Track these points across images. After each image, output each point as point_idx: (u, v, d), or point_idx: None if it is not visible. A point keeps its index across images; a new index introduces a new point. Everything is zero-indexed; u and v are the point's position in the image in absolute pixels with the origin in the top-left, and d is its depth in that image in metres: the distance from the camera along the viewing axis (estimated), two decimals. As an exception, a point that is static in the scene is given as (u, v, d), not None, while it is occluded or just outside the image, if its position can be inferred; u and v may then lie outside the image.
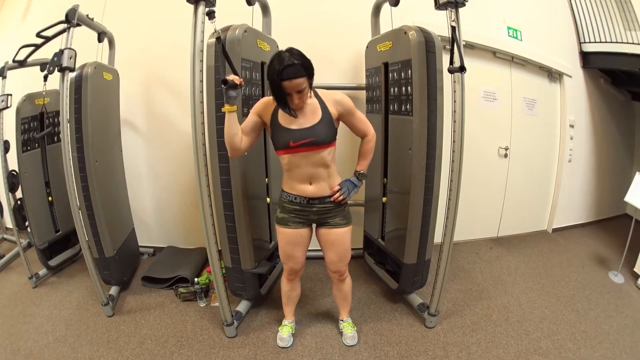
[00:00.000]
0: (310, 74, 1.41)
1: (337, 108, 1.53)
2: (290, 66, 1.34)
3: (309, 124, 1.49)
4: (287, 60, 1.34)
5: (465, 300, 2.31)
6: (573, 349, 1.86)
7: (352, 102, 1.58)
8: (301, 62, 1.36)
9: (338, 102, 1.53)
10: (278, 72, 1.34)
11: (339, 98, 1.54)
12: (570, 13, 3.31)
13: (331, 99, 1.53)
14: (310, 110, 1.51)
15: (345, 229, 1.68)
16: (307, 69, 1.39)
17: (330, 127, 1.52)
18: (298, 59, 1.36)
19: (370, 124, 1.65)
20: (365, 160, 1.68)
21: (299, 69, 1.35)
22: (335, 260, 1.73)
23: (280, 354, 1.84)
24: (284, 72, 1.34)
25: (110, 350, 1.87)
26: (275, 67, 1.35)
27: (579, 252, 3.11)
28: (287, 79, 1.35)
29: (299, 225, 1.67)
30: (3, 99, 2.42)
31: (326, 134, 1.50)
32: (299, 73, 1.35)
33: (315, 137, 1.48)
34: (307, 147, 1.49)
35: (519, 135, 3.17)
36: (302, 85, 1.38)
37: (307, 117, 1.50)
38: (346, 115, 1.56)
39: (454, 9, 1.57)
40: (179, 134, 2.78)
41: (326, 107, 1.52)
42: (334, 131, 1.55)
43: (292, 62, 1.34)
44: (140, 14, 2.69)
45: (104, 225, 2.20)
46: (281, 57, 1.36)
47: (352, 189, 1.64)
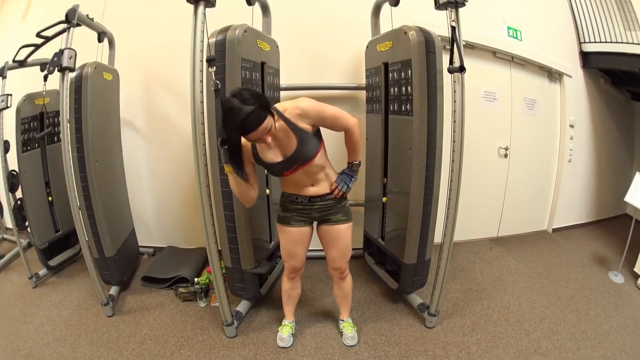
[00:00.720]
0: (269, 110, 1.32)
1: (306, 120, 1.45)
2: (249, 115, 1.23)
3: (291, 151, 1.45)
4: (243, 111, 1.22)
5: (465, 300, 2.31)
6: (573, 349, 1.86)
7: (316, 103, 1.46)
8: (257, 104, 1.25)
9: (304, 114, 1.43)
10: (237, 128, 1.25)
11: (303, 108, 1.43)
12: (570, 13, 3.31)
13: (295, 115, 1.43)
14: (285, 135, 1.44)
15: (346, 225, 1.68)
16: (265, 107, 1.29)
17: (311, 142, 1.47)
18: (252, 102, 1.25)
19: (346, 116, 1.53)
20: (355, 151, 1.64)
21: (259, 113, 1.25)
22: (337, 257, 1.73)
23: (280, 354, 1.84)
24: (245, 127, 1.24)
25: (110, 350, 1.87)
26: (232, 124, 1.25)
27: (579, 252, 3.11)
28: (252, 131, 1.26)
29: (301, 224, 1.68)
30: (3, 99, 2.42)
31: (310, 149, 1.48)
32: (260, 117, 1.26)
33: (303, 158, 1.48)
34: (300, 168, 1.50)
35: (519, 135, 3.17)
36: (269, 125, 1.31)
37: (285, 145, 1.46)
38: (318, 121, 1.48)
39: (454, 9, 1.56)
40: (179, 134, 2.78)
41: (296, 126, 1.43)
42: (317, 140, 1.51)
43: (248, 110, 1.23)
44: (140, 14, 2.69)
45: (104, 225, 2.20)
46: (233, 109, 1.24)
47: (349, 181, 1.64)
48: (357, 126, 1.57)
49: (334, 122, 1.51)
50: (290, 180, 1.59)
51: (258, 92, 1.34)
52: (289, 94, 2.52)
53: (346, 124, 1.53)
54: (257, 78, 1.98)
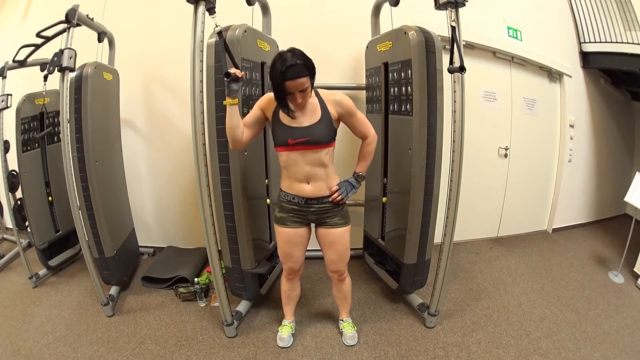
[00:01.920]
0: (313, 74, 1.43)
1: (337, 109, 1.54)
2: (293, 66, 1.35)
3: (308, 123, 1.50)
4: (289, 60, 1.35)
5: (465, 300, 2.31)
6: (573, 349, 1.86)
7: (353, 103, 1.57)
8: (303, 61, 1.37)
9: (338, 102, 1.53)
10: (281, 72, 1.35)
11: (339, 98, 1.54)
12: (570, 13, 3.31)
13: (331, 99, 1.54)
14: (311, 109, 1.52)
15: (344, 229, 1.68)
16: (310, 68, 1.40)
17: (328, 127, 1.52)
18: (300, 59, 1.37)
19: (371, 126, 1.64)
20: (365, 162, 1.68)
21: (302, 68, 1.36)
22: (335, 259, 1.73)
23: (280, 354, 1.84)
24: (286, 72, 1.35)
25: (110, 350, 1.87)
26: (277, 67, 1.36)
27: (579, 252, 3.11)
28: (290, 79, 1.36)
29: (297, 225, 1.67)
30: (3, 99, 2.42)
31: (324, 134, 1.51)
32: (301, 73, 1.37)
33: (313, 136, 1.49)
34: (305, 145, 1.50)
35: (519, 135, 3.17)
36: (305, 84, 1.40)
37: (306, 116, 1.51)
38: (346, 116, 1.56)
39: (454, 9, 1.56)
40: (179, 134, 2.79)
41: (326, 107, 1.52)
42: (333, 132, 1.56)
43: (294, 62, 1.35)
44: (140, 14, 2.69)
45: (104, 225, 2.20)
46: (284, 57, 1.37)
47: (350, 190, 1.64)
48: (376, 138, 1.67)
49: (360, 124, 1.61)
50: (289, 166, 1.56)
51: (309, 57, 1.42)
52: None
53: (369, 131, 1.64)
54: (257, 78, 1.98)
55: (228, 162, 1.81)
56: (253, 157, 1.99)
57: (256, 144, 2.04)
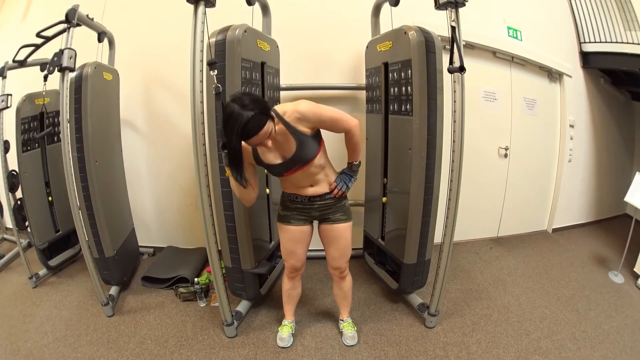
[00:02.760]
0: (269, 115, 1.33)
1: (305, 124, 1.44)
2: (249, 121, 1.24)
3: (290, 153, 1.47)
4: (242, 115, 1.23)
5: (465, 300, 2.31)
6: (573, 349, 1.86)
7: (315, 106, 1.45)
8: (257, 109, 1.26)
9: (302, 118, 1.42)
10: (239, 133, 1.25)
11: (302, 111, 1.42)
12: (570, 13, 3.31)
13: (295, 118, 1.42)
14: (284, 138, 1.45)
15: (346, 225, 1.69)
16: (265, 112, 1.30)
17: (310, 144, 1.48)
18: (253, 108, 1.25)
19: (346, 118, 1.51)
20: (355, 152, 1.63)
21: (259, 118, 1.26)
22: (336, 256, 1.74)
23: (280, 354, 1.84)
24: (245, 131, 1.25)
25: (110, 350, 1.87)
26: (231, 128, 1.25)
27: (579, 252, 3.11)
28: (252, 136, 1.28)
29: (301, 223, 1.68)
30: (3, 99, 2.42)
31: (310, 152, 1.49)
32: (261, 122, 1.27)
33: (302, 160, 1.49)
34: (299, 169, 1.52)
35: (519, 135, 3.17)
36: (269, 130, 1.32)
37: (284, 147, 1.47)
38: (317, 124, 1.48)
39: (454, 9, 1.56)
40: (179, 134, 2.78)
41: (296, 130, 1.43)
42: (316, 141, 1.51)
43: (248, 115, 1.24)
44: (140, 14, 2.69)
45: (104, 225, 2.20)
46: (233, 115, 1.24)
47: (349, 181, 1.64)
48: (357, 127, 1.55)
49: (334, 124, 1.51)
50: (289, 181, 1.60)
51: (258, 97, 1.35)
52: (289, 94, 2.52)
53: (346, 125, 1.52)
54: (257, 78, 1.97)
55: (228, 162, 1.81)
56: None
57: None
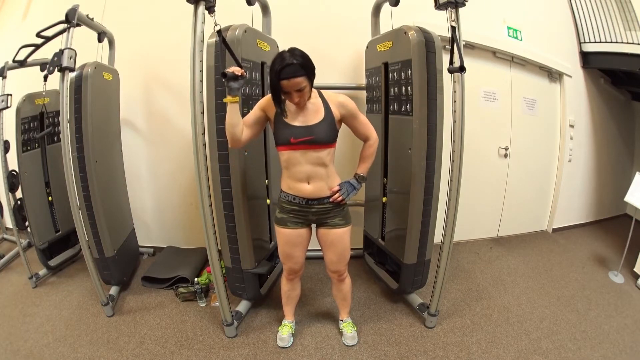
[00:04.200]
0: (310, 74, 1.43)
1: (340, 110, 1.55)
2: (290, 65, 1.36)
3: (311, 123, 1.51)
4: (287, 59, 1.37)
5: (465, 300, 2.31)
6: (573, 349, 1.86)
7: (356, 106, 1.59)
8: (301, 62, 1.38)
9: (341, 104, 1.55)
10: (277, 71, 1.38)
11: (342, 100, 1.56)
12: (570, 13, 3.31)
13: (335, 101, 1.55)
14: (313, 109, 1.53)
15: (344, 230, 1.68)
16: (307, 68, 1.41)
17: (331, 128, 1.53)
18: (298, 59, 1.38)
19: (373, 129, 1.65)
20: (366, 163, 1.69)
21: (298, 68, 1.38)
22: (335, 260, 1.73)
23: (280, 354, 1.84)
24: (282, 71, 1.37)
25: (110, 350, 1.87)
26: (275, 66, 1.38)
27: (579, 252, 3.11)
28: (285, 78, 1.38)
29: (298, 226, 1.67)
30: (3, 99, 2.42)
31: (326, 134, 1.51)
32: (297, 72, 1.38)
33: (315, 135, 1.50)
34: (306, 144, 1.50)
35: (519, 135, 3.17)
36: (301, 84, 1.40)
37: (309, 116, 1.52)
38: (349, 118, 1.58)
39: (454, 9, 1.56)
40: (179, 134, 2.78)
41: (329, 108, 1.53)
42: (335, 132, 1.56)
43: (291, 61, 1.36)
44: (140, 14, 2.69)
45: (104, 225, 2.20)
46: (282, 56, 1.38)
47: (351, 191, 1.65)
48: (377, 141, 1.68)
49: (362, 126, 1.62)
50: (289, 165, 1.56)
51: (309, 58, 1.43)
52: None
53: (370, 133, 1.65)
54: (257, 78, 1.98)
55: (228, 162, 1.81)
56: (253, 157, 1.99)
57: (256, 144, 2.04)
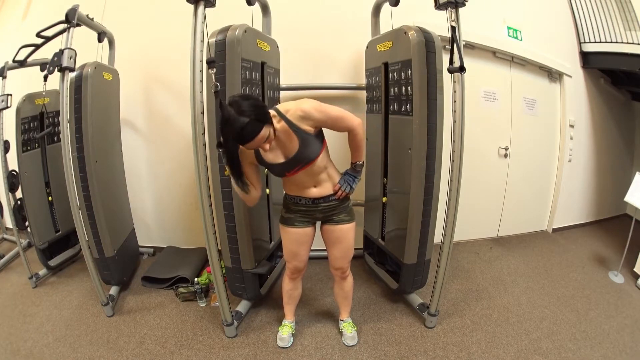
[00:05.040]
0: (268, 121, 1.32)
1: (308, 122, 1.43)
2: (245, 126, 1.23)
3: (293, 152, 1.45)
4: (238, 121, 1.23)
5: (465, 300, 2.31)
6: (573, 349, 1.86)
7: (318, 104, 1.44)
8: (254, 115, 1.25)
9: (306, 115, 1.41)
10: (235, 139, 1.26)
11: (305, 110, 1.41)
12: (570, 13, 3.31)
13: (298, 117, 1.41)
14: (286, 138, 1.44)
15: (349, 225, 1.68)
16: (262, 118, 1.28)
17: (312, 143, 1.47)
18: (249, 114, 1.24)
19: (350, 117, 1.51)
20: (358, 151, 1.63)
21: (254, 125, 1.25)
22: (339, 256, 1.73)
23: (280, 354, 1.84)
24: (241, 137, 1.25)
25: (110, 350, 1.87)
26: (229, 133, 1.26)
27: (579, 252, 3.11)
28: (248, 142, 1.28)
29: (305, 224, 1.68)
30: (3, 99, 2.42)
31: (312, 151, 1.48)
32: (257, 129, 1.26)
33: (304, 160, 1.48)
34: (302, 169, 1.51)
35: (519, 135, 3.17)
36: (265, 135, 1.31)
37: (287, 147, 1.46)
38: (320, 123, 1.47)
39: (454, 9, 1.56)
40: (179, 134, 2.78)
41: (299, 128, 1.42)
42: (318, 142, 1.50)
43: (244, 121, 1.23)
44: (140, 14, 2.69)
45: (104, 225, 2.20)
46: (230, 121, 1.24)
47: (352, 181, 1.63)
48: (360, 126, 1.55)
49: (337, 123, 1.50)
50: (292, 182, 1.59)
51: (256, 102, 1.32)
52: (289, 94, 2.52)
53: (350, 124, 1.52)
54: (257, 78, 1.97)
55: (228, 162, 1.81)
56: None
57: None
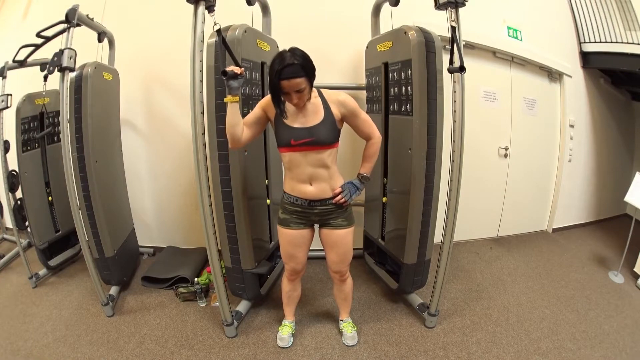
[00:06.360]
0: (310, 75, 1.41)
1: (340, 109, 1.53)
2: (290, 66, 1.35)
3: (311, 124, 1.49)
4: (287, 59, 1.35)
5: (465, 300, 2.31)
6: (573, 349, 1.86)
7: (357, 104, 1.56)
8: (301, 62, 1.36)
9: (341, 103, 1.53)
10: (277, 71, 1.36)
11: (342, 99, 1.53)
12: (570, 13, 3.32)
13: (335, 100, 1.53)
14: (313, 110, 1.51)
15: (347, 230, 1.67)
16: (307, 69, 1.39)
17: (331, 128, 1.51)
18: (298, 59, 1.36)
19: (375, 127, 1.63)
20: (369, 163, 1.66)
21: (298, 69, 1.36)
22: (337, 260, 1.73)
23: (280, 354, 1.84)
24: (282, 72, 1.35)
25: (110, 350, 1.87)
26: (274, 66, 1.37)
27: (579, 252, 3.11)
28: (285, 79, 1.36)
29: (301, 226, 1.67)
30: (3, 99, 2.42)
31: (327, 135, 1.50)
32: (297, 73, 1.36)
33: (315, 137, 1.48)
34: (307, 146, 1.49)
35: (519, 135, 3.17)
36: (301, 85, 1.39)
37: (309, 117, 1.50)
38: (349, 117, 1.55)
39: (454, 9, 1.57)
40: (179, 134, 2.79)
41: (329, 108, 1.51)
42: (336, 132, 1.54)
43: (292, 62, 1.35)
44: (140, 14, 2.69)
45: (104, 225, 2.20)
46: (282, 56, 1.37)
47: (354, 192, 1.63)
48: (380, 139, 1.65)
49: (363, 124, 1.59)
50: (292, 166, 1.55)
51: (310, 58, 1.42)
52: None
53: (372, 131, 1.62)
54: (257, 78, 1.98)
55: (228, 162, 1.81)
56: (253, 157, 1.99)
57: (256, 143, 2.04)
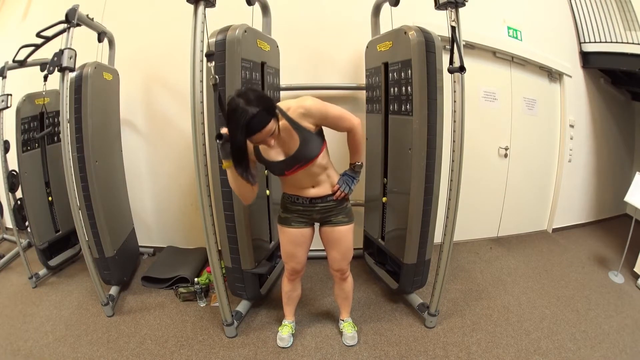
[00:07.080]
0: (274, 113, 1.31)
1: (309, 120, 1.43)
2: (253, 117, 1.22)
3: (293, 150, 1.44)
4: (248, 111, 1.22)
5: (465, 300, 2.31)
6: (573, 349, 1.86)
7: (320, 102, 1.44)
8: (262, 106, 1.24)
9: (307, 113, 1.42)
10: (242, 128, 1.23)
11: (306, 107, 1.41)
12: (570, 13, 3.31)
13: (300, 114, 1.42)
14: (287, 135, 1.43)
15: (348, 227, 1.68)
16: (269, 110, 1.28)
17: (313, 142, 1.46)
18: (258, 105, 1.23)
19: (349, 116, 1.51)
20: (358, 152, 1.62)
21: (263, 115, 1.25)
22: (338, 258, 1.73)
23: (280, 354, 1.84)
24: (249, 127, 1.24)
25: (110, 350, 1.87)
26: (237, 122, 1.23)
27: (579, 252, 3.11)
28: (255, 133, 1.26)
29: (302, 225, 1.67)
30: (3, 99, 2.42)
31: (312, 150, 1.47)
32: (264, 120, 1.25)
33: (303, 158, 1.47)
34: (300, 168, 1.49)
35: (519, 135, 3.17)
36: (272, 128, 1.30)
37: (287, 144, 1.45)
38: (321, 120, 1.47)
39: (454, 9, 1.56)
40: (179, 134, 2.78)
41: (299, 126, 1.42)
42: (319, 141, 1.49)
43: (253, 111, 1.22)
44: (140, 14, 2.69)
45: (104, 225, 2.20)
46: (238, 109, 1.23)
47: (351, 182, 1.63)
48: (360, 126, 1.55)
49: (337, 122, 1.50)
50: (291, 181, 1.58)
51: (263, 94, 1.33)
52: (289, 94, 2.52)
53: (349, 124, 1.52)
54: (257, 78, 1.98)
55: (228, 162, 1.81)
56: (253, 157, 1.99)
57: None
